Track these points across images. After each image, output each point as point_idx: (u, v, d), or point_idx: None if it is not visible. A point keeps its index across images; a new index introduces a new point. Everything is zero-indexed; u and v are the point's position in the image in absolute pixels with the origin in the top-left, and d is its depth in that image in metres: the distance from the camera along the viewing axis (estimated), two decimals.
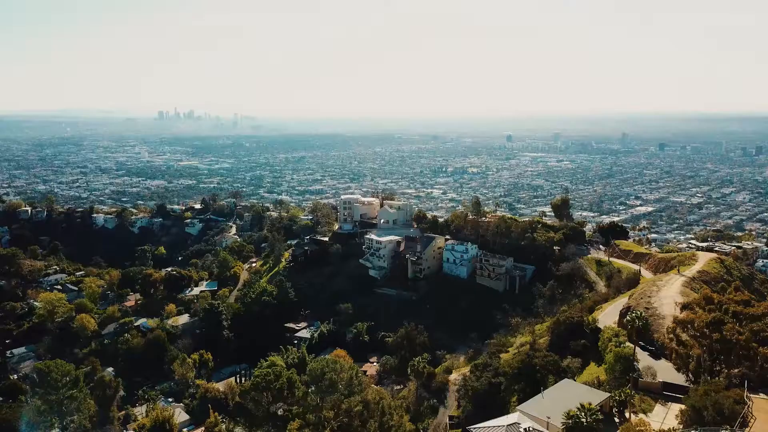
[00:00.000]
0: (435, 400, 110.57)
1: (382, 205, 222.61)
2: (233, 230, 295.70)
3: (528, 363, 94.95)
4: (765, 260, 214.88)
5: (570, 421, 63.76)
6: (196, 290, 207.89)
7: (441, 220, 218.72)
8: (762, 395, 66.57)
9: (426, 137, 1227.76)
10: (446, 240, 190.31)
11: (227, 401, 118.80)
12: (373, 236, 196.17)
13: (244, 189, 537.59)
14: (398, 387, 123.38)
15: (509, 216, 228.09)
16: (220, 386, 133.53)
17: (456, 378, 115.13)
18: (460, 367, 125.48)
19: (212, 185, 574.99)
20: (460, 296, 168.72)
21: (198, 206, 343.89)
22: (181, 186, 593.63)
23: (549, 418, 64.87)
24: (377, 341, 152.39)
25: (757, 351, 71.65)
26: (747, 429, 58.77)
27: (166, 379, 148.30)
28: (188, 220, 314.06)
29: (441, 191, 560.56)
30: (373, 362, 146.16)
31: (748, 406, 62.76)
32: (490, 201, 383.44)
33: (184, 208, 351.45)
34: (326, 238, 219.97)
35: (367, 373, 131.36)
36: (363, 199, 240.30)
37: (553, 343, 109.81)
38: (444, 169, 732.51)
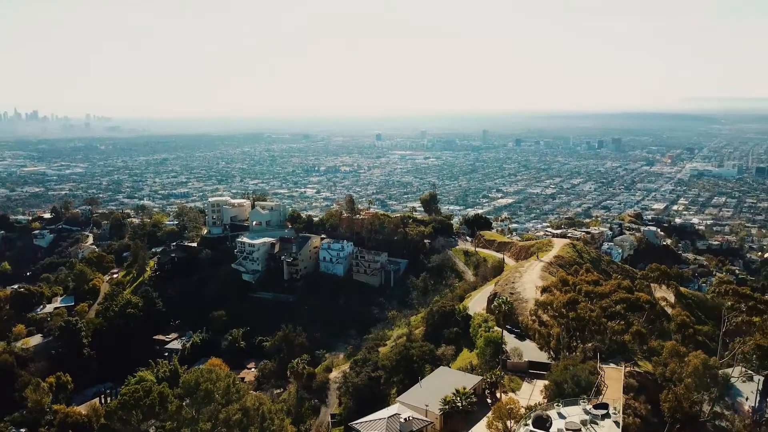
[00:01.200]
0: (316, 400, 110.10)
1: (253, 207, 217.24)
2: (90, 240, 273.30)
3: (405, 354, 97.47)
4: (609, 243, 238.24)
5: (447, 407, 66.38)
6: (49, 307, 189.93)
7: (316, 219, 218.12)
8: (612, 365, 73.66)
9: (297, 136, 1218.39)
10: (322, 239, 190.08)
11: (91, 425, 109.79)
12: (246, 239, 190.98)
13: (101, 195, 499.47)
14: (278, 391, 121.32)
15: (382, 212, 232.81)
16: (83, 409, 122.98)
17: (336, 376, 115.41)
18: (340, 365, 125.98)
19: (64, 192, 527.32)
20: (338, 294, 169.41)
21: (48, 215, 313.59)
22: (27, 194, 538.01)
23: (427, 405, 66.99)
24: (255, 346, 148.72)
25: (607, 325, 79.22)
26: (600, 396, 64.72)
27: (17, 408, 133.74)
28: (36, 231, 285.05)
29: (314, 190, 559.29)
30: (251, 368, 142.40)
31: (601, 376, 69.21)
32: (364, 198, 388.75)
33: (31, 218, 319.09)
34: (194, 244, 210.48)
35: (246, 380, 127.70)
36: (233, 201, 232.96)
37: (428, 333, 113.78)
38: (316, 168, 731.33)
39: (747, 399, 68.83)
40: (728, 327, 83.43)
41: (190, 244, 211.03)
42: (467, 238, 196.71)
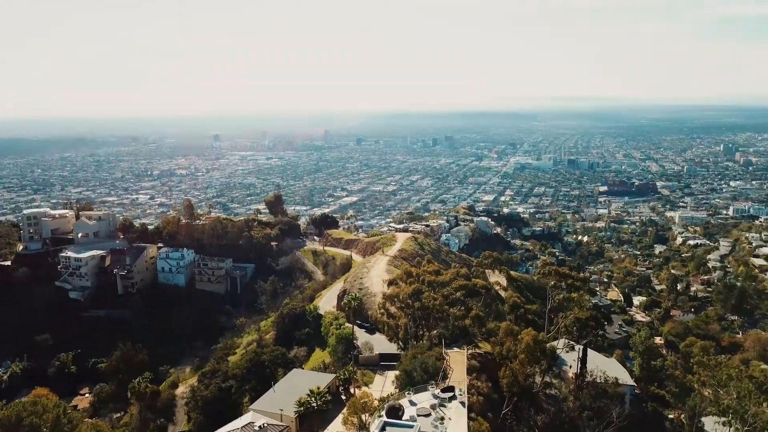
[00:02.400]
0: (162, 419, 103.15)
1: (78, 218, 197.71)
2: None
3: (256, 361, 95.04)
4: (447, 234, 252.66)
5: (302, 408, 65.73)
6: None
7: (151, 227, 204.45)
8: (456, 349, 78.10)
9: (125, 139, 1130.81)
10: (159, 248, 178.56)
11: None
12: (71, 253, 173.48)
13: None
14: (119, 414, 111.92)
15: (224, 216, 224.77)
16: None
17: (184, 391, 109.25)
18: (187, 379, 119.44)
19: None
20: (181, 305, 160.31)
21: None
22: None
23: (282, 410, 65.84)
24: (88, 370, 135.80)
25: (449, 312, 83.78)
26: (447, 380, 68.33)
27: None
28: None
29: (148, 196, 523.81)
30: (84, 394, 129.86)
31: (447, 361, 73.07)
32: (203, 203, 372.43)
33: None
34: (8, 263, 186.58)
35: (79, 408, 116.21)
36: (53, 212, 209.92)
37: (280, 337, 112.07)
38: (149, 173, 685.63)
39: (570, 367, 76.92)
40: (552, 304, 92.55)
41: (2, 263, 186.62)
42: (315, 237, 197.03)
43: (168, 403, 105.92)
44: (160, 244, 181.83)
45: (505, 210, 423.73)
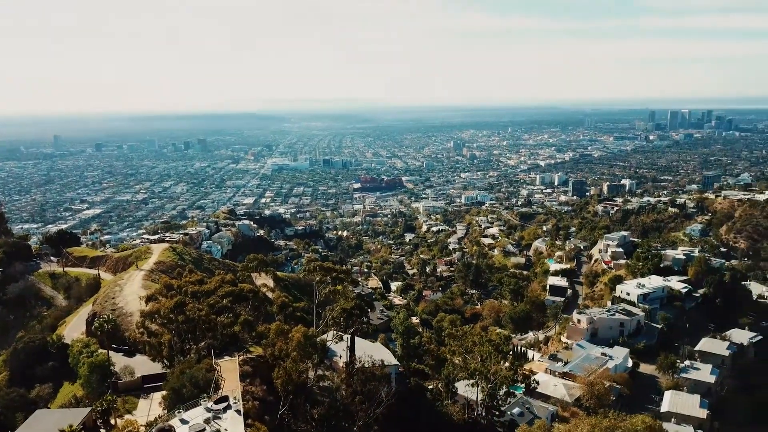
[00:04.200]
0: None
1: None
2: None
3: None
4: (209, 241, 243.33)
5: None
6: None
7: None
8: (227, 358, 75.39)
9: None
10: None
11: None
12: None
13: None
14: None
15: None
16: None
17: None
18: None
19: None
20: None
21: None
22: None
23: None
24: None
25: (217, 321, 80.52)
26: (220, 390, 65.60)
27: None
28: None
29: None
30: None
31: (218, 371, 70.13)
32: None
33: None
34: None
35: None
36: None
37: (15, 376, 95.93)
38: None
39: (341, 357, 79.88)
40: (320, 299, 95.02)
41: None
42: (52, 258, 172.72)
43: None
44: None
45: (267, 212, 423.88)
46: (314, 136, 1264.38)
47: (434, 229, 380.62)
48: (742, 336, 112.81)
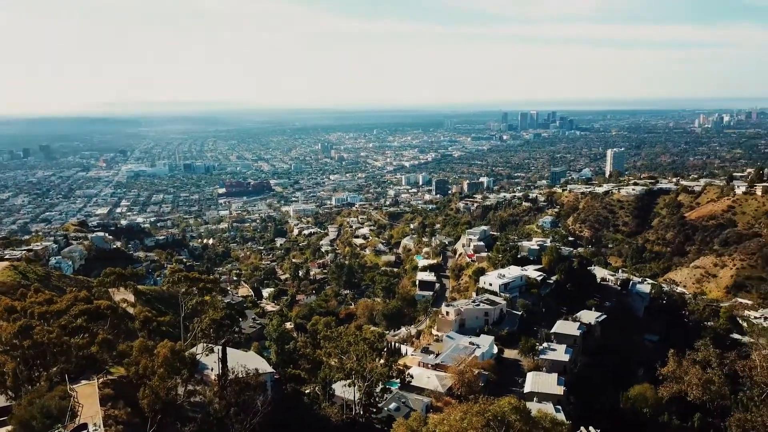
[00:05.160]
0: None
1: None
2: None
3: None
4: (57, 257, 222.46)
5: None
6: None
7: None
8: (84, 382, 69.19)
9: None
10: None
11: None
12: None
13: None
14: None
15: None
16: None
17: None
18: None
19: None
20: None
21: None
22: None
23: None
24: None
25: (70, 343, 73.62)
26: (77, 418, 60.02)
27: None
28: None
29: None
30: None
31: (74, 397, 64.11)
32: None
33: None
34: None
35: None
36: None
37: None
38: None
39: (212, 369, 76.59)
40: (186, 311, 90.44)
41: None
42: None
43: None
44: None
45: (124, 222, 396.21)
46: (173, 140, 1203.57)
47: (306, 232, 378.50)
48: (589, 316, 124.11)
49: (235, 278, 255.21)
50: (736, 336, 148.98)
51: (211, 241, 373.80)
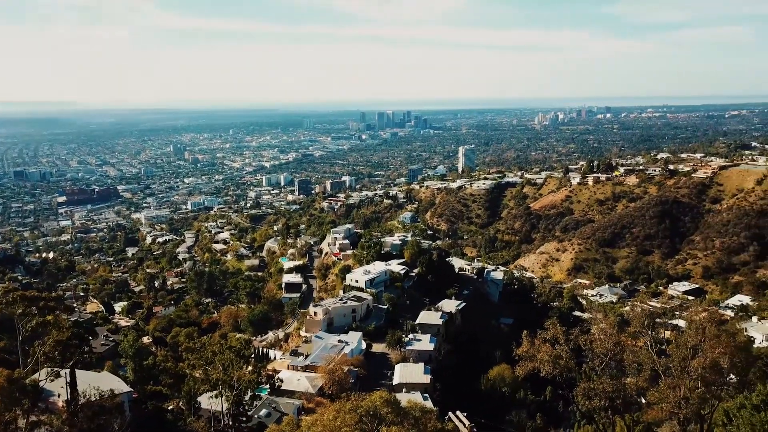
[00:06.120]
0: None
1: None
2: None
3: None
4: None
5: None
6: None
7: None
8: None
9: None
10: None
11: None
12: None
13: None
14: None
15: None
16: None
17: None
18: None
19: None
20: None
21: None
22: None
23: None
24: None
25: None
26: None
27: None
28: None
29: None
30: None
31: None
32: None
33: None
34: None
35: None
36: None
37: None
38: None
39: (59, 395, 69.43)
40: (25, 334, 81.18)
41: None
42: None
43: None
44: None
45: None
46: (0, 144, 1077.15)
47: (160, 239, 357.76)
48: (450, 305, 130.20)
49: (81, 294, 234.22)
50: (577, 313, 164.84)
51: (51, 255, 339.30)
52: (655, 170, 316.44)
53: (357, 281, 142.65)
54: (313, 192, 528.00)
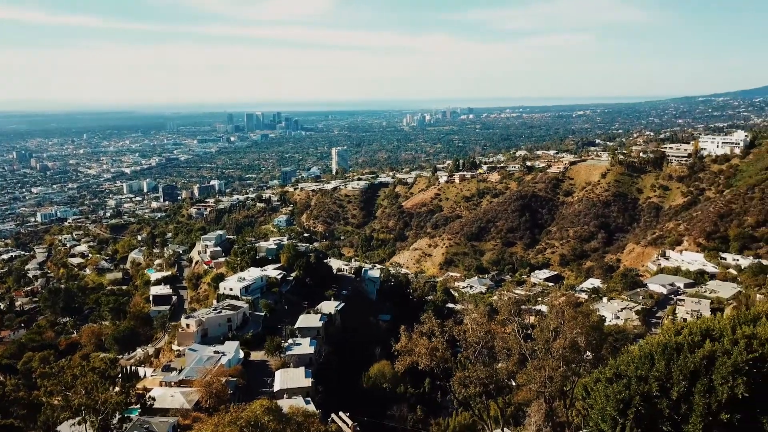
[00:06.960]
0: None
1: None
2: None
3: None
4: None
5: None
6: None
7: None
8: None
9: None
10: None
11: None
12: None
13: None
14: None
15: None
16: None
17: None
18: None
19: None
20: None
21: None
22: None
23: None
24: None
25: None
26: None
27: None
28: None
29: None
30: None
31: None
32: None
33: None
34: None
35: None
36: None
37: None
38: None
39: None
40: None
41: None
42: None
43: None
44: None
45: None
46: None
47: (5, 256, 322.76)
48: (329, 306, 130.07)
49: None
50: (451, 305, 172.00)
51: None
52: (514, 167, 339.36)
53: (231, 289, 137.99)
54: (179, 198, 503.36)
